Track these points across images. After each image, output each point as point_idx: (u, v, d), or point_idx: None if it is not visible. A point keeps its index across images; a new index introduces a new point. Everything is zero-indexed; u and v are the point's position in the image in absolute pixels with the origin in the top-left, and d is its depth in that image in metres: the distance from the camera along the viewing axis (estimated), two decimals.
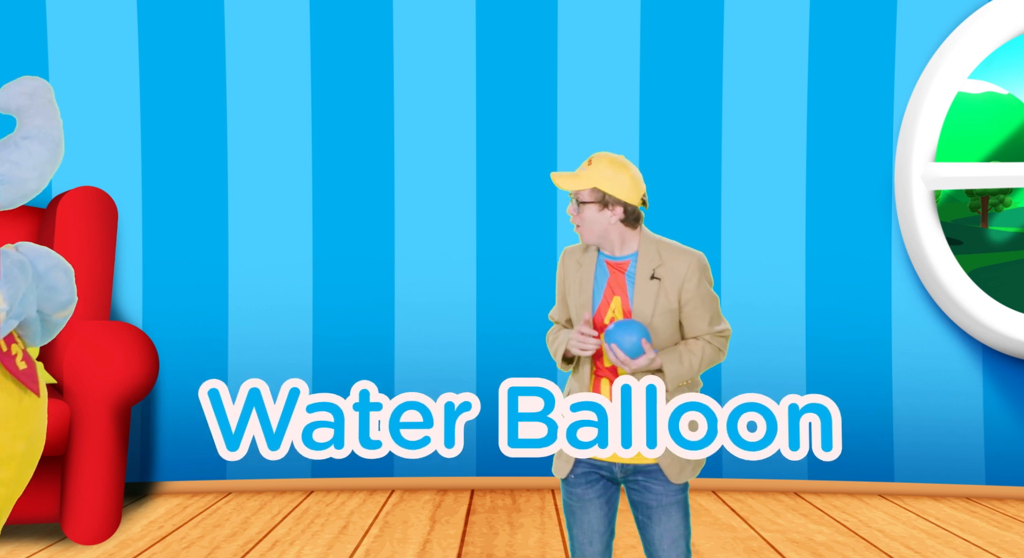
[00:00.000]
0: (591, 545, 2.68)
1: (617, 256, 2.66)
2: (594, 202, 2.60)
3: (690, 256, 2.62)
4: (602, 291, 2.66)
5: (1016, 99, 5.26)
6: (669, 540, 2.62)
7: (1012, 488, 5.13)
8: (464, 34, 5.27)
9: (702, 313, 2.61)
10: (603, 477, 2.67)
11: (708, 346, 2.61)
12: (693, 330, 2.63)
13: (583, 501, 2.68)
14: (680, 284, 2.59)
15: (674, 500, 2.61)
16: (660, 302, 2.58)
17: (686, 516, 2.64)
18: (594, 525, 2.68)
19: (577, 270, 2.71)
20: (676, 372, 2.56)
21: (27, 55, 5.13)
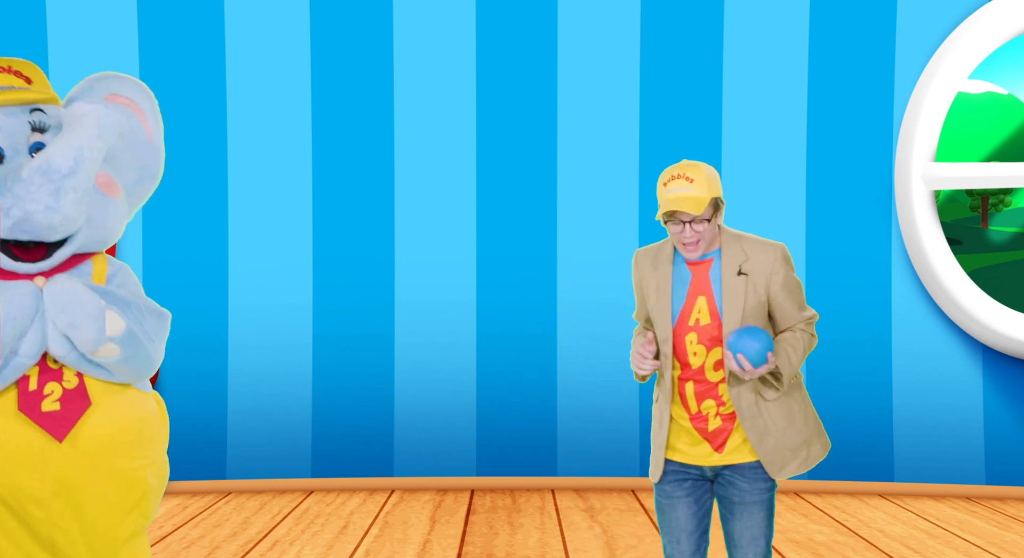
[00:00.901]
0: (677, 544, 2.67)
1: (695, 257, 2.62)
2: (714, 214, 2.58)
3: (774, 249, 2.62)
4: (684, 293, 2.63)
5: (1016, 99, 5.26)
6: (749, 537, 2.62)
7: (1012, 488, 5.13)
8: (464, 34, 5.27)
9: (792, 303, 2.61)
10: (692, 477, 2.66)
11: (804, 335, 2.62)
12: (786, 321, 2.63)
13: (671, 499, 2.67)
14: (767, 277, 2.59)
15: (758, 499, 2.60)
16: (750, 297, 2.57)
17: (769, 516, 2.62)
18: (681, 523, 2.66)
19: (653, 273, 2.68)
20: (789, 374, 2.58)
21: (27, 55, 5.13)
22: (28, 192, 2.22)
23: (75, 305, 2.29)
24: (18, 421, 2.29)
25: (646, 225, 5.25)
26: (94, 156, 2.26)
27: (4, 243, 2.30)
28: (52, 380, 2.31)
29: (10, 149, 2.36)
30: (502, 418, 5.28)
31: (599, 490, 5.23)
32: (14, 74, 2.42)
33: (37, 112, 2.42)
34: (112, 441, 2.38)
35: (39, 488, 2.30)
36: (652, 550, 4.14)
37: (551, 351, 5.27)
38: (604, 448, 5.27)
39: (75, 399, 2.34)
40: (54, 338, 2.30)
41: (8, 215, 2.23)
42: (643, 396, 5.24)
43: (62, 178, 2.23)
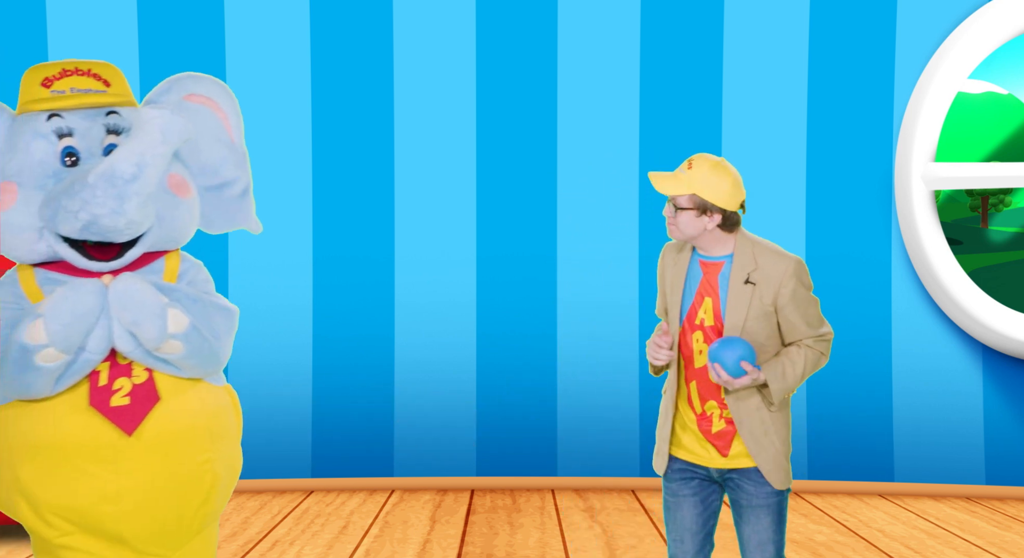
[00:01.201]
0: (680, 543, 2.66)
1: (712, 256, 2.60)
2: (692, 208, 2.54)
3: (786, 261, 2.56)
4: (694, 292, 2.62)
5: (1016, 99, 5.26)
6: (756, 542, 2.59)
7: (1012, 488, 5.13)
8: (464, 34, 5.27)
9: (800, 318, 2.55)
10: (699, 477, 2.64)
11: (810, 352, 2.56)
12: (792, 335, 2.57)
13: (677, 497, 2.66)
14: (775, 289, 2.53)
15: (764, 503, 2.58)
16: (753, 306, 2.53)
17: (778, 521, 2.60)
18: (685, 522, 2.65)
19: (672, 267, 2.67)
20: (780, 387, 2.53)
21: (27, 55, 5.13)
22: (94, 197, 2.27)
23: (137, 303, 2.33)
24: (89, 415, 2.33)
25: (646, 225, 5.25)
26: (157, 162, 2.31)
27: (78, 243, 2.36)
28: (122, 376, 2.36)
29: (85, 151, 2.42)
30: (502, 418, 5.28)
31: (599, 490, 5.23)
32: (93, 77, 2.48)
33: (113, 115, 2.48)
34: (180, 435, 2.41)
35: (110, 482, 2.33)
36: (652, 550, 4.14)
37: (551, 351, 5.27)
38: (604, 448, 5.27)
39: (144, 394, 2.37)
40: (120, 335, 2.34)
41: (77, 218, 2.29)
42: (643, 396, 5.24)
43: (125, 183, 2.28)
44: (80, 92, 2.45)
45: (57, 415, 2.32)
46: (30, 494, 2.32)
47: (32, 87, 2.46)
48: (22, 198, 2.36)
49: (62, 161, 2.39)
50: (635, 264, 5.23)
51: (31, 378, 2.28)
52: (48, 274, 2.40)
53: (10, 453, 2.34)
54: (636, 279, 5.23)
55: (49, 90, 2.44)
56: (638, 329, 5.21)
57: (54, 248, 2.37)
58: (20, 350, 2.26)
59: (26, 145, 2.39)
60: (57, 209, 2.30)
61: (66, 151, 2.40)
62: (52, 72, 2.47)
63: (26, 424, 2.33)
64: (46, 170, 2.38)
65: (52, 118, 2.42)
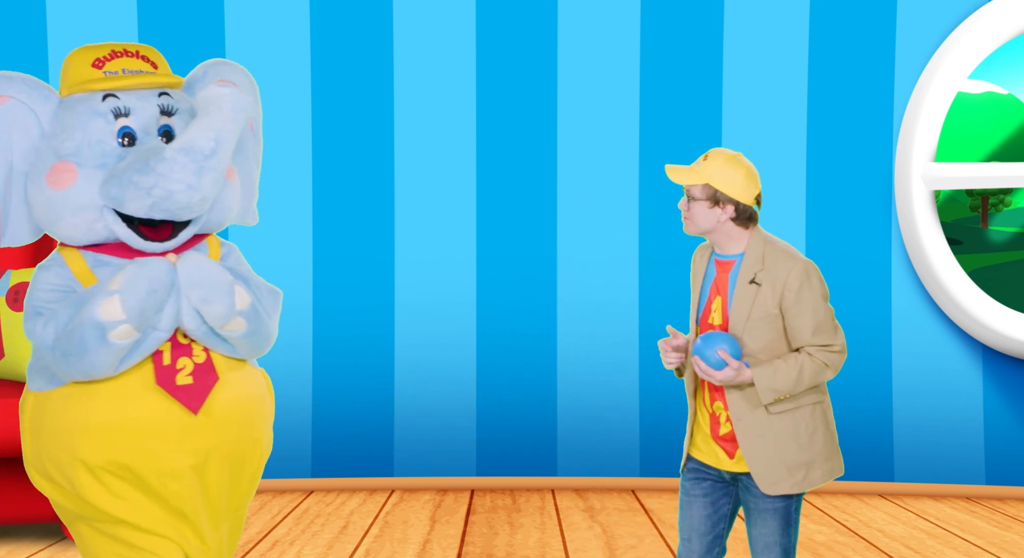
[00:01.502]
0: (688, 542, 2.65)
1: (726, 255, 2.60)
2: (705, 199, 2.54)
3: (794, 263, 2.53)
4: (708, 290, 2.62)
5: (1016, 99, 5.26)
6: (762, 544, 2.58)
7: (1012, 488, 5.13)
8: (464, 34, 5.27)
9: (803, 322, 2.52)
10: (711, 478, 2.64)
11: (809, 360, 2.51)
12: (795, 340, 2.54)
13: (689, 496, 2.65)
14: (780, 291, 2.51)
15: (771, 507, 2.55)
16: (756, 307, 2.51)
17: (786, 526, 2.57)
18: (695, 523, 2.64)
19: (699, 268, 2.68)
20: (768, 386, 2.48)
21: (27, 55, 5.13)
22: (172, 171, 2.26)
23: (208, 280, 2.35)
24: (156, 394, 2.35)
25: (646, 225, 5.25)
26: (231, 138, 2.32)
27: (134, 223, 2.36)
28: (183, 355, 2.38)
29: (141, 131, 2.42)
30: (502, 418, 5.28)
31: (599, 490, 5.23)
32: (142, 58, 2.48)
33: (164, 96, 2.48)
34: (238, 413, 2.46)
35: (177, 460, 2.35)
36: (652, 550, 4.14)
37: (551, 351, 5.27)
38: (604, 448, 5.27)
39: (205, 373, 2.40)
40: (187, 312, 2.36)
41: (150, 194, 2.28)
42: (643, 396, 5.24)
43: (204, 158, 2.28)
44: (132, 73, 2.45)
45: (126, 394, 2.33)
46: (94, 467, 2.32)
47: (82, 68, 2.45)
48: (82, 177, 2.35)
49: (119, 141, 2.38)
50: (635, 264, 5.23)
51: (101, 356, 2.28)
52: (98, 256, 2.40)
53: (70, 435, 2.34)
54: (636, 279, 5.23)
55: (102, 71, 2.43)
56: (638, 329, 5.21)
57: (112, 228, 2.37)
58: (94, 327, 2.25)
59: (83, 124, 2.38)
60: (126, 185, 2.29)
61: (123, 131, 2.39)
62: (102, 53, 2.46)
63: (90, 404, 2.33)
64: (105, 149, 2.37)
65: (108, 98, 2.41)
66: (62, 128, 2.40)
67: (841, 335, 2.59)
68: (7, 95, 2.44)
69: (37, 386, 2.42)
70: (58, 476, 2.37)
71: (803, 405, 2.56)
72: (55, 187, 2.35)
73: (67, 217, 2.37)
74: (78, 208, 2.36)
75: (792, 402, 2.54)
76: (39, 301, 2.38)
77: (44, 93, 2.47)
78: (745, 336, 2.53)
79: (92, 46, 2.49)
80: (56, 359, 2.31)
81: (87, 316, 2.26)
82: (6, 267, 4.66)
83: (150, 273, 2.29)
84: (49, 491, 2.43)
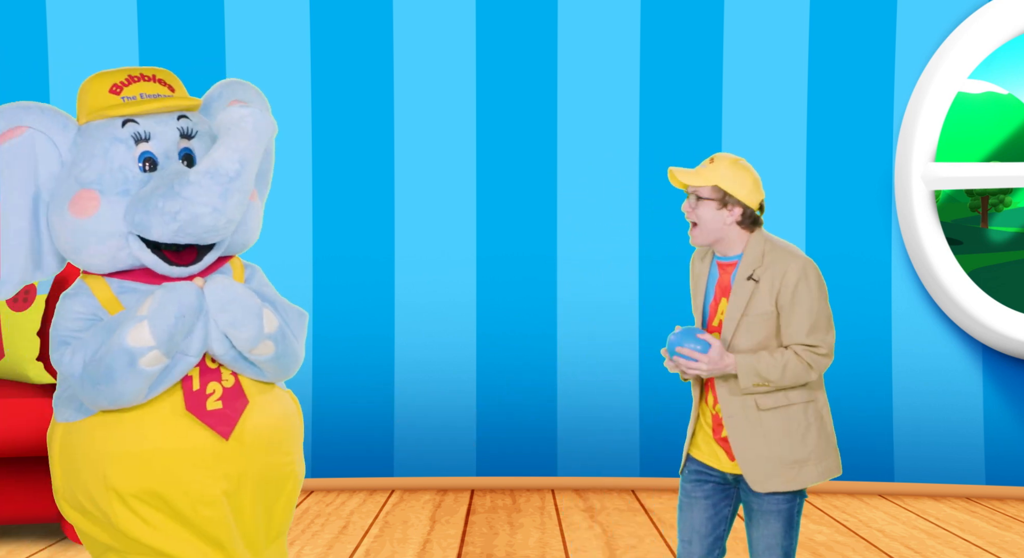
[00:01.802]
0: (688, 544, 2.65)
1: (727, 257, 2.60)
2: (713, 200, 2.54)
3: (793, 260, 2.54)
4: (712, 292, 2.62)
5: (1016, 99, 5.26)
6: (764, 546, 2.58)
7: (1012, 488, 5.13)
8: (464, 34, 5.27)
9: (795, 321, 2.52)
10: (713, 480, 2.64)
11: (794, 358, 2.51)
12: (786, 337, 2.54)
13: (690, 498, 2.65)
14: (778, 288, 2.51)
15: (774, 509, 2.56)
16: (752, 304, 2.52)
17: (787, 528, 2.57)
18: (695, 525, 2.64)
19: (699, 273, 2.68)
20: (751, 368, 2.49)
21: (27, 55, 5.13)
22: (198, 195, 2.25)
23: (236, 304, 2.33)
24: (187, 420, 2.33)
25: (646, 225, 5.25)
26: (255, 159, 2.32)
27: (159, 248, 2.35)
28: (213, 380, 2.36)
29: (162, 156, 2.40)
30: (502, 418, 5.28)
31: (599, 490, 5.23)
32: (158, 82, 2.47)
33: (183, 119, 2.47)
34: (270, 437, 2.43)
35: (209, 486, 2.33)
36: (652, 550, 4.14)
37: (551, 351, 5.27)
38: (604, 448, 5.27)
39: (235, 397, 2.38)
40: (215, 337, 2.34)
41: (176, 219, 2.27)
42: (643, 396, 5.24)
43: (229, 181, 2.27)
44: (150, 97, 2.44)
45: (157, 421, 2.32)
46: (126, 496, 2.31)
47: (100, 95, 2.44)
48: (105, 204, 2.34)
49: (140, 166, 2.37)
50: (635, 264, 5.23)
51: (130, 383, 2.26)
52: (123, 283, 2.39)
53: (101, 464, 2.32)
54: (636, 279, 5.23)
55: (120, 97, 2.43)
56: (638, 329, 5.21)
57: (136, 255, 2.35)
58: (123, 354, 2.23)
59: (104, 151, 2.36)
60: (152, 211, 2.28)
61: (144, 156, 2.38)
62: (119, 79, 2.45)
63: (120, 432, 2.31)
64: (127, 175, 2.36)
65: (127, 124, 2.39)
66: (82, 156, 2.38)
67: (832, 337, 2.58)
68: (25, 125, 2.41)
69: (65, 416, 2.40)
70: (90, 506, 2.35)
71: (794, 403, 2.56)
72: (79, 216, 2.34)
73: (92, 245, 2.35)
74: (103, 236, 2.34)
75: (783, 399, 2.55)
76: (65, 330, 2.36)
77: (62, 122, 2.45)
78: (739, 332, 2.53)
79: (108, 72, 2.48)
80: (85, 388, 2.29)
81: (116, 343, 2.24)
82: None
83: (178, 298, 2.28)
84: (80, 523, 2.40)
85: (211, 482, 2.33)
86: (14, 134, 2.39)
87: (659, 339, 3.00)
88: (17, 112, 2.41)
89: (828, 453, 2.63)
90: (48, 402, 3.99)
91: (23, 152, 2.39)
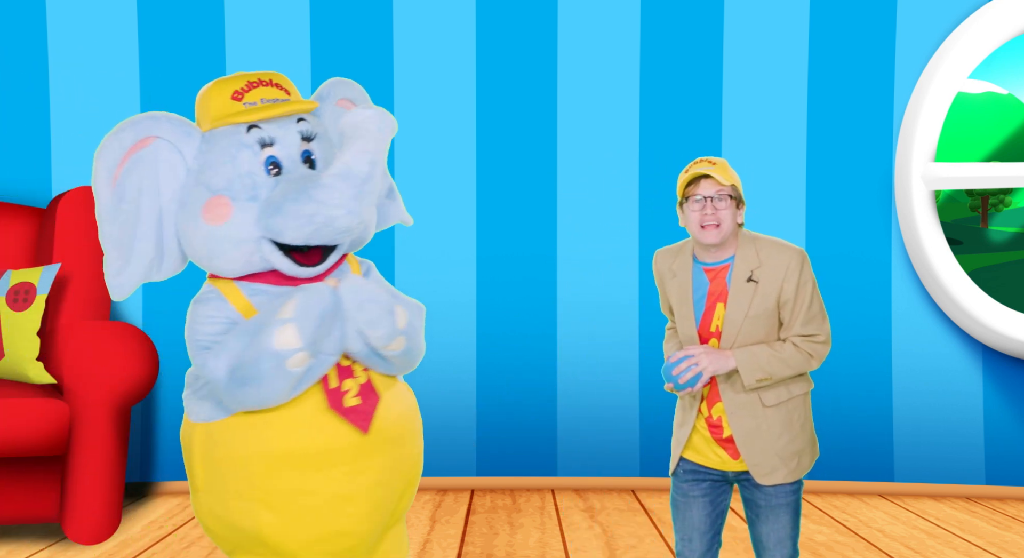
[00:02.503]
0: (689, 542, 2.66)
1: (713, 262, 2.60)
2: (734, 199, 2.56)
3: (789, 253, 2.56)
4: (703, 300, 2.62)
5: (1016, 99, 5.26)
6: (775, 539, 2.60)
7: (1012, 488, 5.13)
8: (464, 34, 5.27)
9: (797, 312, 2.54)
10: (710, 479, 2.64)
11: (794, 349, 2.54)
12: (786, 329, 2.56)
13: (687, 497, 2.66)
14: (779, 284, 2.53)
15: (784, 501, 2.58)
16: (755, 304, 2.53)
17: (795, 518, 2.61)
18: (694, 523, 2.65)
19: (672, 279, 2.67)
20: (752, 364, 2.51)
21: (27, 55, 5.13)
22: (331, 197, 2.30)
23: (372, 302, 2.39)
24: (329, 418, 2.37)
25: (646, 225, 5.25)
26: (382, 160, 2.36)
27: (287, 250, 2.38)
28: (347, 377, 2.41)
29: (287, 159, 2.45)
30: (502, 418, 5.28)
31: (599, 490, 5.24)
32: (275, 87, 2.53)
33: (302, 121, 2.51)
34: (400, 430, 2.49)
35: (351, 482, 2.37)
36: (652, 550, 4.14)
37: (551, 351, 5.27)
38: (604, 448, 5.27)
39: (368, 393, 2.42)
40: (351, 335, 2.38)
41: (312, 221, 2.32)
42: (643, 396, 5.24)
43: (361, 182, 2.32)
44: (270, 102, 2.50)
45: (303, 420, 2.36)
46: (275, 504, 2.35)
47: (222, 101, 2.48)
48: (237, 210, 2.39)
49: (267, 170, 2.42)
50: (635, 264, 5.23)
51: (278, 385, 2.30)
52: (252, 286, 2.44)
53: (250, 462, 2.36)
54: (636, 279, 5.23)
55: (242, 103, 2.48)
56: (638, 329, 5.22)
57: (268, 258, 2.40)
58: (271, 357, 2.27)
59: (232, 158, 2.41)
60: (287, 215, 2.32)
61: (270, 161, 2.42)
62: (239, 85, 2.51)
63: (270, 431, 2.36)
64: (255, 181, 2.40)
65: (251, 129, 2.44)
66: (210, 163, 2.43)
67: (827, 325, 2.61)
68: (154, 135, 2.48)
69: (202, 416, 2.46)
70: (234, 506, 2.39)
71: (795, 395, 2.59)
72: (213, 222, 2.39)
73: (228, 251, 2.40)
74: (238, 241, 2.39)
75: (786, 394, 2.57)
76: (203, 335, 2.42)
77: (188, 130, 2.50)
78: (741, 334, 2.54)
79: (226, 79, 2.53)
80: (231, 391, 2.33)
81: (263, 346, 2.28)
82: (6, 267, 4.66)
83: (319, 299, 2.32)
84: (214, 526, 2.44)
85: (351, 478, 2.37)
86: (144, 144, 2.46)
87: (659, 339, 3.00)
88: (147, 123, 2.49)
89: (814, 441, 2.68)
90: (48, 402, 3.99)
91: (152, 161, 2.45)
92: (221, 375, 2.33)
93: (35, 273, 4.34)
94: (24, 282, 4.31)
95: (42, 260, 4.64)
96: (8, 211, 4.81)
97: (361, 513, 2.39)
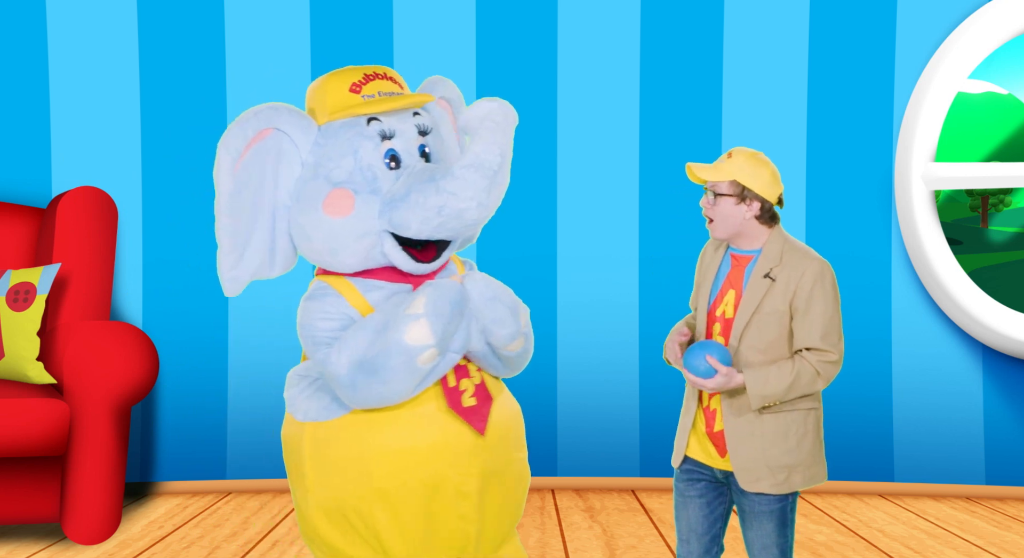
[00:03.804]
0: (686, 543, 2.65)
1: (743, 250, 2.59)
2: (732, 195, 2.53)
3: (810, 262, 2.54)
4: (720, 283, 2.61)
5: (1016, 99, 5.26)
6: (760, 546, 2.58)
7: (1012, 488, 5.13)
8: (464, 33, 5.27)
9: (808, 324, 2.52)
10: (706, 479, 2.63)
11: (805, 367, 2.51)
12: (798, 341, 2.54)
13: (684, 497, 2.65)
14: (793, 289, 2.51)
15: (767, 510, 2.54)
16: (767, 302, 2.51)
17: (782, 526, 2.56)
18: (692, 524, 2.64)
19: (709, 263, 2.67)
20: (759, 393, 2.47)
21: (27, 55, 5.13)
22: (463, 189, 2.27)
23: (498, 300, 2.37)
24: (449, 417, 2.35)
25: (646, 225, 5.25)
26: (510, 152, 2.35)
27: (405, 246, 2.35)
28: (464, 376, 2.39)
29: (405, 153, 2.41)
30: None
31: (599, 490, 5.24)
32: (390, 80, 2.48)
33: (418, 116, 2.48)
34: (511, 433, 2.47)
35: (465, 482, 2.35)
36: (652, 550, 4.14)
37: (551, 351, 5.27)
38: (604, 448, 5.27)
39: (484, 394, 2.40)
40: (475, 334, 2.36)
41: (440, 214, 2.28)
42: (643, 396, 5.24)
43: (493, 174, 2.31)
44: (387, 95, 2.45)
45: (425, 419, 2.33)
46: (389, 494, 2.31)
47: (341, 94, 2.45)
48: (360, 203, 2.34)
49: (387, 163, 2.38)
50: (635, 264, 5.23)
51: (405, 381, 2.26)
52: (367, 282, 2.39)
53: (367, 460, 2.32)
54: (636, 279, 5.23)
55: (360, 96, 2.44)
56: (638, 329, 5.21)
57: (387, 252, 2.36)
58: (402, 352, 2.23)
59: (353, 150, 2.37)
60: (413, 207, 2.28)
61: (389, 153, 2.39)
62: (355, 78, 2.47)
63: (391, 429, 2.32)
64: (376, 174, 2.37)
65: (372, 122, 2.40)
66: (330, 156, 2.39)
67: (842, 346, 2.59)
68: (272, 127, 2.42)
69: (311, 415, 2.41)
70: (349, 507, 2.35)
71: (797, 409, 2.55)
72: (335, 215, 2.34)
73: (350, 244, 2.35)
74: (360, 234, 2.35)
75: (787, 404, 2.54)
76: (320, 331, 2.35)
77: (305, 123, 2.45)
78: (750, 329, 2.52)
79: (342, 71, 2.50)
80: (355, 386, 2.28)
81: (393, 341, 2.24)
82: (6, 267, 4.66)
83: (449, 296, 2.29)
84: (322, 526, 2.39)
85: (466, 478, 2.35)
86: (263, 135, 2.39)
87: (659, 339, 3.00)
88: (269, 114, 2.43)
89: (817, 461, 2.61)
90: (48, 402, 3.99)
91: (270, 153, 2.40)
92: (343, 371, 2.27)
93: (35, 273, 4.34)
94: (24, 282, 4.31)
95: (42, 260, 4.64)
96: (8, 211, 4.81)
97: (474, 513, 2.36)
